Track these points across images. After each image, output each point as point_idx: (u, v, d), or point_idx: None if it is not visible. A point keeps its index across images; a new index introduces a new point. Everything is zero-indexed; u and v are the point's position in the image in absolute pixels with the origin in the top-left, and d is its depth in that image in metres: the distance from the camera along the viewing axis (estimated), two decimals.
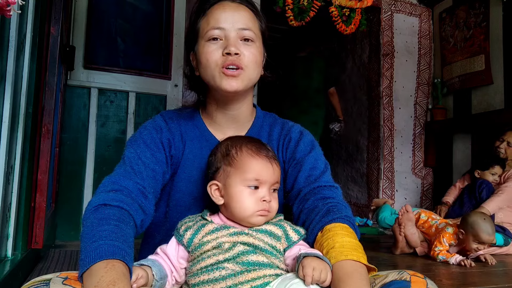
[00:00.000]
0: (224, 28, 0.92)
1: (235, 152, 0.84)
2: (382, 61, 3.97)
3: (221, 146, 0.89)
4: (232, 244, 0.77)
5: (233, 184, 0.82)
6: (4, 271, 1.32)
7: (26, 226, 1.69)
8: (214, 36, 0.93)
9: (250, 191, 0.81)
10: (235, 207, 0.81)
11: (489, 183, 2.93)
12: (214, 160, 0.88)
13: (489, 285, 1.80)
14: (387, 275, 0.75)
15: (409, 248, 2.69)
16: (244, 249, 0.77)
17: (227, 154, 0.85)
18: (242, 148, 0.84)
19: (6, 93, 1.36)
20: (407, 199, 3.92)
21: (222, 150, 0.87)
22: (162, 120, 1.00)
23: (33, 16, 1.62)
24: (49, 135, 1.91)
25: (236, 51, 0.91)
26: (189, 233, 0.81)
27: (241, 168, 0.82)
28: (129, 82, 2.93)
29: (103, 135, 2.88)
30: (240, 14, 0.94)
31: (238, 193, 0.81)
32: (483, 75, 3.60)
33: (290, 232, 0.84)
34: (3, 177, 1.36)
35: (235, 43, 0.92)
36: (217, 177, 0.86)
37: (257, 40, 0.96)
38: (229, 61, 0.91)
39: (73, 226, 2.78)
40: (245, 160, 0.82)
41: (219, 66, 0.91)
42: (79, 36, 2.84)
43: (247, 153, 0.83)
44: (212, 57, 0.92)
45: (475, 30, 3.70)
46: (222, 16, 0.93)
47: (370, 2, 3.59)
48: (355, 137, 4.36)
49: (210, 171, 0.89)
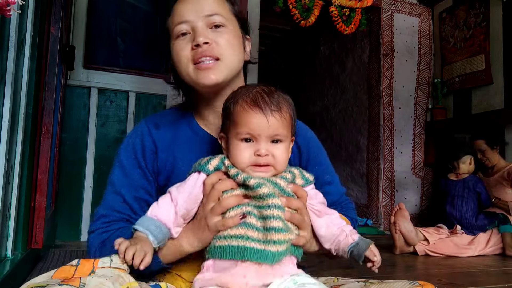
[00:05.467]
0: (189, 20, 0.87)
1: (231, 106, 0.80)
2: (382, 61, 3.96)
3: (227, 99, 0.85)
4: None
5: (230, 137, 0.80)
6: (4, 271, 1.32)
7: (26, 226, 1.69)
8: (182, 32, 0.87)
9: (245, 144, 0.77)
10: (232, 160, 0.79)
11: (478, 179, 2.97)
12: (222, 114, 0.85)
13: (489, 285, 1.80)
14: (394, 283, 0.75)
15: (408, 247, 2.69)
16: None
17: (225, 107, 0.82)
18: (238, 101, 0.79)
19: (6, 93, 1.36)
20: (407, 199, 3.91)
21: (225, 104, 0.84)
22: (145, 127, 0.94)
23: (33, 16, 1.62)
24: (49, 135, 1.91)
25: (205, 40, 0.84)
26: (216, 161, 0.80)
27: (235, 122, 0.78)
28: (129, 82, 2.93)
29: (103, 135, 2.88)
30: (204, 1, 0.88)
31: (234, 146, 0.78)
32: (483, 75, 3.60)
33: (304, 173, 0.85)
34: (3, 177, 1.36)
35: (203, 32, 0.86)
36: (224, 130, 0.83)
37: (230, 23, 0.90)
38: (199, 53, 0.85)
39: (73, 226, 2.78)
40: (237, 114, 0.78)
41: (191, 62, 0.86)
42: (79, 36, 2.84)
43: (241, 106, 0.78)
44: (182, 54, 0.87)
45: (475, 30, 3.70)
46: (184, 9, 0.88)
47: (370, 2, 3.59)
48: (355, 137, 4.36)
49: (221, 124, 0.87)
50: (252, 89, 0.80)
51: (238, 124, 0.77)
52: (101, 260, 0.68)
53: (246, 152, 0.77)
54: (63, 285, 0.61)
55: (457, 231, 2.83)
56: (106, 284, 0.63)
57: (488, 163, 3.09)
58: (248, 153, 0.77)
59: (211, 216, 0.76)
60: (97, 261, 0.68)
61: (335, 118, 4.67)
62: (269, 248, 0.71)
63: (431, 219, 3.57)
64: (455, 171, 3.06)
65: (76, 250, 2.45)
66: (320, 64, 5.10)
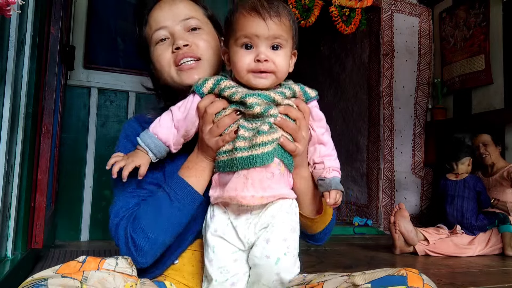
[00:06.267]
0: (167, 25, 0.90)
1: (231, 15, 0.80)
2: (382, 61, 3.97)
3: (228, 12, 0.85)
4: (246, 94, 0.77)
5: (230, 46, 0.80)
6: (4, 271, 1.33)
7: (26, 226, 1.69)
8: (161, 37, 0.90)
9: (245, 51, 0.78)
10: (234, 69, 0.80)
11: (478, 179, 2.97)
12: (224, 28, 0.86)
13: (489, 285, 1.80)
14: (380, 272, 0.75)
15: (408, 247, 2.69)
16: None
17: (226, 19, 0.83)
18: (237, 9, 0.79)
19: (6, 93, 1.36)
20: (407, 199, 3.91)
21: (226, 17, 0.84)
22: (135, 122, 0.96)
23: (33, 16, 1.62)
24: (49, 135, 1.91)
25: (185, 43, 0.88)
26: (210, 83, 0.81)
27: (234, 29, 0.78)
28: (129, 82, 2.93)
29: (103, 135, 2.88)
30: (178, 6, 0.91)
31: (234, 54, 0.79)
32: (483, 75, 3.60)
33: (306, 89, 0.84)
34: (3, 177, 1.36)
35: (182, 35, 0.89)
36: (226, 44, 0.84)
37: (206, 26, 0.93)
38: (180, 55, 0.88)
39: (73, 226, 2.78)
40: (236, 20, 0.78)
41: (173, 65, 0.89)
42: (79, 36, 2.85)
43: (239, 13, 0.78)
44: (163, 58, 0.90)
45: (475, 30, 3.70)
46: (160, 15, 0.91)
47: (370, 2, 3.59)
48: (355, 137, 4.36)
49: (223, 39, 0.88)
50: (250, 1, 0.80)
51: (237, 30, 0.77)
52: (107, 261, 0.69)
53: (246, 58, 0.77)
54: (65, 278, 0.62)
55: (457, 231, 2.83)
56: (108, 279, 0.64)
57: (489, 159, 3.08)
58: (248, 59, 0.77)
59: (210, 138, 0.79)
60: (103, 261, 0.69)
61: (335, 118, 4.67)
62: (255, 152, 0.73)
63: (431, 219, 3.57)
64: (453, 171, 3.06)
65: (76, 250, 2.45)
66: (320, 64, 5.10)
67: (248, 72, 0.77)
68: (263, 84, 0.77)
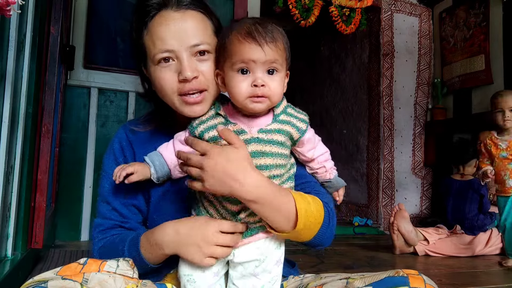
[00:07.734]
0: (173, 49, 0.83)
1: (226, 39, 0.80)
2: (382, 61, 3.97)
3: (221, 35, 0.84)
4: None
5: (226, 70, 0.80)
6: (4, 271, 1.33)
7: (26, 226, 1.69)
8: (164, 57, 0.84)
9: (241, 76, 0.78)
10: (231, 93, 0.80)
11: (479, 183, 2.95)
12: (216, 50, 0.86)
13: (489, 285, 1.80)
14: (379, 274, 0.75)
15: (408, 247, 2.69)
16: (251, 150, 0.78)
17: (220, 42, 0.83)
18: (232, 33, 0.78)
19: (6, 93, 1.36)
20: (407, 199, 3.91)
21: (219, 40, 0.84)
22: (123, 133, 0.95)
23: (33, 16, 1.62)
24: (49, 135, 1.91)
25: (194, 75, 0.82)
26: (202, 127, 0.83)
27: (230, 53, 0.78)
28: (129, 82, 2.93)
29: (103, 135, 2.88)
30: (188, 26, 0.84)
31: (230, 79, 0.79)
32: (483, 75, 3.60)
33: (297, 123, 0.84)
34: (3, 177, 1.36)
35: (190, 64, 0.83)
36: (219, 66, 0.84)
37: (212, 45, 0.86)
38: (187, 88, 0.83)
39: (73, 226, 2.78)
40: (232, 45, 0.78)
41: (176, 93, 0.84)
42: (79, 36, 2.84)
43: (234, 38, 0.77)
44: (166, 84, 0.84)
45: (475, 30, 3.70)
46: (167, 35, 0.83)
47: (370, 2, 3.59)
48: (355, 136, 4.36)
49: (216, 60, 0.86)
50: (246, 21, 0.79)
51: (233, 54, 0.77)
52: (108, 263, 0.69)
53: (243, 84, 0.78)
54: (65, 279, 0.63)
55: (457, 231, 2.83)
56: (109, 281, 0.64)
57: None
58: (245, 84, 0.77)
59: None
60: (104, 263, 0.69)
61: (335, 118, 4.67)
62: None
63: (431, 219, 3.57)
64: (458, 171, 3.07)
65: (76, 250, 2.45)
66: (320, 64, 5.10)
67: (246, 98, 0.78)
68: (259, 108, 0.78)
